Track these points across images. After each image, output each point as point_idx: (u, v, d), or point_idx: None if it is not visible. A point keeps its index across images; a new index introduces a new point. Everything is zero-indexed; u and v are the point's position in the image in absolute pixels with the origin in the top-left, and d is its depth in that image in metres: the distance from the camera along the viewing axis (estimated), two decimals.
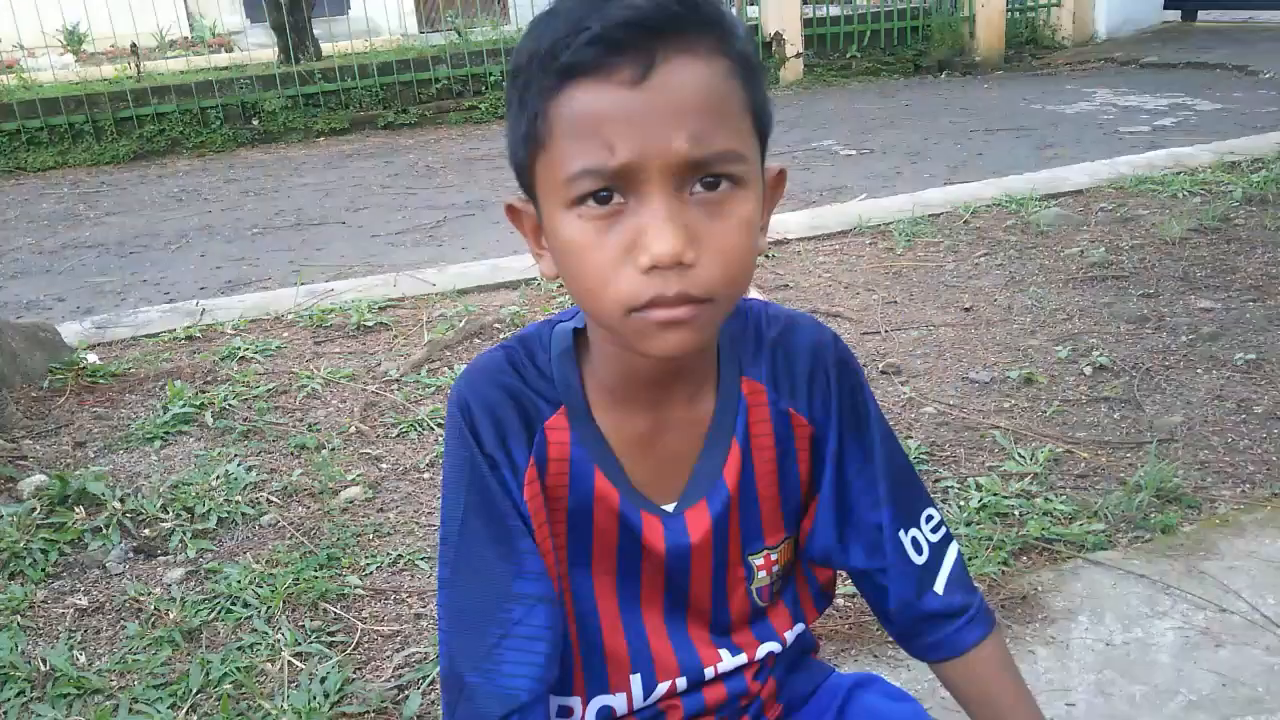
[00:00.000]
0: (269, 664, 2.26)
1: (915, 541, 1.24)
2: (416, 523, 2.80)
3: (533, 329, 1.19)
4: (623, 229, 0.94)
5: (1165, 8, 14.58)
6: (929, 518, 1.26)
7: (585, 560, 1.20)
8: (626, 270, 0.94)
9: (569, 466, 1.15)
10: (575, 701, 1.24)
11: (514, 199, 1.08)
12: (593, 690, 1.23)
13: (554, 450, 1.14)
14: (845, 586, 2.25)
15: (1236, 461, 2.87)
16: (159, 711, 2.12)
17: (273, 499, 2.93)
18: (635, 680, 1.23)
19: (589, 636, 1.22)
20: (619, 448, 1.16)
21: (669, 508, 1.18)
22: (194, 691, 2.18)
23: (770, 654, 1.27)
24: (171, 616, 2.43)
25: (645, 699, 1.23)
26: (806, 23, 12.92)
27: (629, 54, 0.91)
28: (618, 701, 1.23)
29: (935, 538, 1.25)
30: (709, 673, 1.24)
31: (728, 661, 1.25)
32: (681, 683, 1.23)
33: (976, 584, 1.30)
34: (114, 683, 2.24)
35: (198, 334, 4.33)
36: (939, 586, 1.24)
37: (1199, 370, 3.46)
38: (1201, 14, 14.50)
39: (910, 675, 2.02)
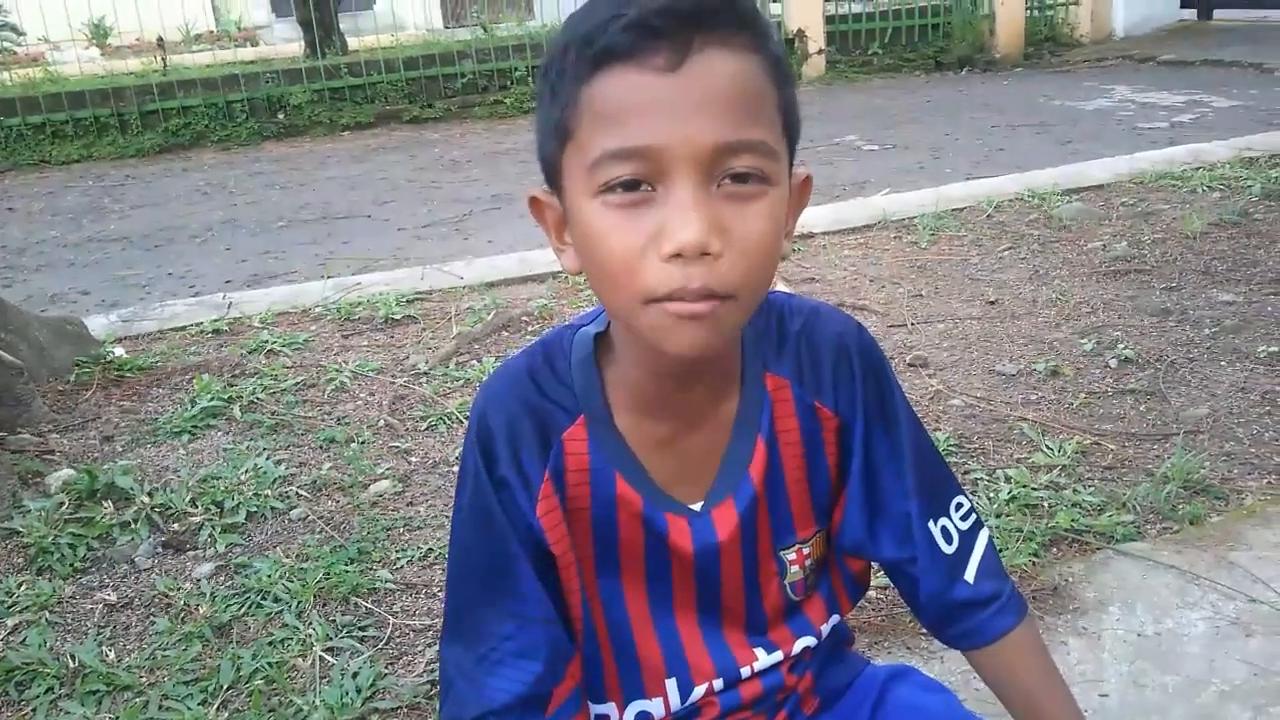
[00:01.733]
0: (300, 659, 2.27)
1: (945, 530, 1.23)
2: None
3: (555, 334, 1.18)
4: (648, 217, 0.93)
5: (1182, 6, 14.61)
6: (958, 505, 1.25)
7: (613, 567, 1.19)
8: (649, 259, 0.93)
9: (589, 475, 1.14)
10: (611, 708, 1.23)
11: (538, 191, 1.07)
12: (629, 696, 1.23)
13: (572, 461, 1.13)
14: (878, 578, 2.24)
15: (1262, 453, 2.87)
16: (189, 708, 2.12)
17: (302, 493, 2.95)
18: (671, 685, 1.22)
19: (622, 643, 1.21)
20: (641, 450, 1.15)
21: (696, 507, 1.17)
22: (224, 687, 2.18)
23: (806, 648, 1.27)
24: (201, 612, 2.44)
25: (682, 703, 1.23)
26: (829, 20, 12.96)
27: (665, 41, 0.91)
28: (655, 707, 1.23)
29: (965, 526, 1.25)
30: (745, 672, 1.23)
31: (764, 660, 1.24)
32: (718, 684, 1.22)
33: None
34: (143, 679, 2.24)
35: (225, 327, 4.35)
36: (969, 575, 1.23)
37: (1223, 363, 3.46)
38: (1217, 13, 14.52)
39: (944, 667, 2.02)
